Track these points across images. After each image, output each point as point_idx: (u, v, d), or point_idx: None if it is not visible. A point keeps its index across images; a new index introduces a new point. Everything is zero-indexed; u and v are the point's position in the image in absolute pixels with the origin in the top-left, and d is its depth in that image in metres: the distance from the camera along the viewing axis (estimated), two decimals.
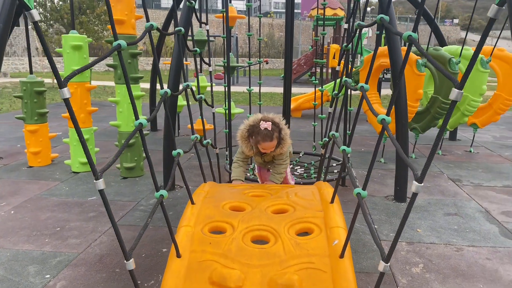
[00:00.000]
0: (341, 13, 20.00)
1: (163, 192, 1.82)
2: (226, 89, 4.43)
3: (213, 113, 3.45)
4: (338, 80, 4.29)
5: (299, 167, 5.04)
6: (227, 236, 1.99)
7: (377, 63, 5.28)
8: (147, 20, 1.96)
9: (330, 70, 18.27)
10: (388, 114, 1.78)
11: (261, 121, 2.73)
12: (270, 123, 2.74)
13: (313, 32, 22.73)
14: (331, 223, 2.04)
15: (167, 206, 3.89)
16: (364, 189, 1.79)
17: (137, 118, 1.75)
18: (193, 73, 16.72)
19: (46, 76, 18.59)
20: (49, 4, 27.44)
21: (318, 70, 18.28)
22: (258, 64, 4.60)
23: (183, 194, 4.22)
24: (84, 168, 4.90)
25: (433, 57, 5.14)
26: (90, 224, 3.49)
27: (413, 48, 5.20)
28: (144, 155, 4.86)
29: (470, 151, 6.14)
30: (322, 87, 4.46)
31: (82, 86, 4.77)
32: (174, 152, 2.15)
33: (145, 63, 26.59)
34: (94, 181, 1.47)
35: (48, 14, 29.67)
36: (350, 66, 2.61)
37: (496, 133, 7.76)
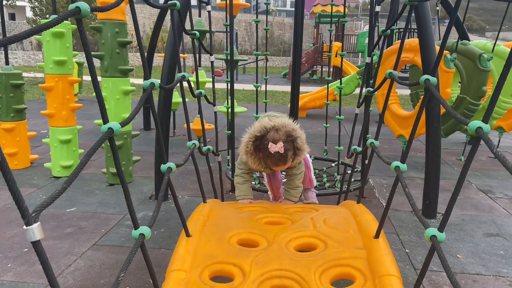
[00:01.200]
0: (343, 9, 19.40)
1: (144, 230, 1.24)
2: (229, 85, 3.86)
3: (215, 112, 2.87)
4: (353, 75, 3.73)
5: None
6: (236, 287, 1.42)
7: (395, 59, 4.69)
8: None
9: (332, 69, 17.76)
10: (486, 120, 1.22)
11: (270, 143, 2.10)
12: (282, 144, 2.10)
13: (315, 30, 22.16)
14: (380, 269, 1.47)
15: (158, 220, 3.31)
16: (441, 230, 1.22)
17: (105, 121, 1.18)
18: (191, 69, 16.08)
19: (38, 70, 17.96)
20: None
21: (332, 67, 17.76)
22: (261, 59, 4.04)
23: None
24: (67, 172, 4.31)
25: (461, 53, 4.57)
26: (65, 244, 2.91)
27: (439, 42, 4.63)
28: (133, 158, 4.28)
29: (495, 157, 5.58)
30: (341, 84, 3.89)
31: (64, 79, 4.18)
32: (163, 167, 1.58)
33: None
34: (24, 227, 0.88)
35: (44, 8, 28.95)
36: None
37: None
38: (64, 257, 2.73)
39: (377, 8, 2.88)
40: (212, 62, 2.90)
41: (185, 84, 2.13)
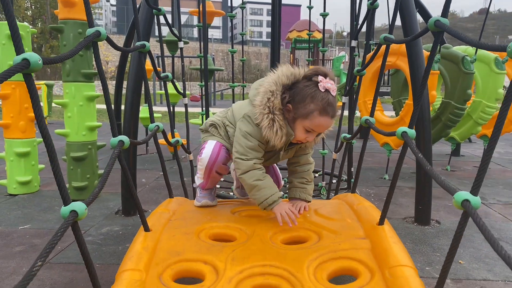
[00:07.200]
0: (319, 35, 19.67)
1: (76, 206, 0.91)
2: (203, 90, 3.58)
3: (186, 104, 2.56)
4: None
5: None
6: None
7: (378, 63, 4.53)
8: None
9: None
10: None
11: (319, 76, 1.53)
12: (333, 82, 1.56)
13: (291, 55, 22.36)
14: (390, 259, 1.16)
15: (124, 235, 2.93)
16: (475, 194, 0.94)
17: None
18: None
19: None
20: None
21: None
22: (236, 87, 3.82)
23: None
24: (24, 189, 3.89)
25: (444, 56, 4.44)
26: (12, 263, 2.49)
27: (425, 45, 4.50)
28: (99, 172, 3.90)
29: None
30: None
31: (22, 86, 3.82)
32: (113, 140, 1.25)
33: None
34: None
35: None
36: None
37: (499, 149, 7.13)
38: (9, 277, 2.32)
39: (353, 43, 2.71)
40: (181, 49, 2.59)
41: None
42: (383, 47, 1.75)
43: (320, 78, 1.52)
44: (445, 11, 1.19)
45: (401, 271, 1.11)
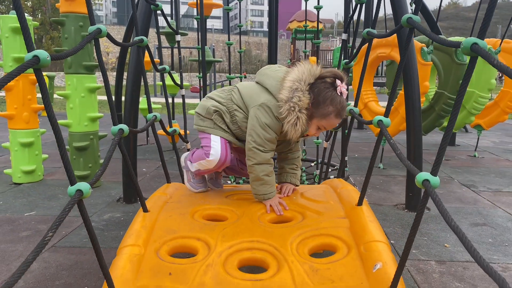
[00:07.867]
0: (319, 26, 19.70)
1: (82, 186, 1.03)
2: (201, 82, 3.69)
3: (183, 95, 2.67)
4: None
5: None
6: (199, 261, 1.21)
7: (373, 55, 4.63)
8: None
9: None
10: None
11: (337, 80, 1.62)
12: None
13: (292, 46, 22.40)
14: (365, 236, 1.28)
15: (125, 221, 3.06)
16: (434, 174, 1.05)
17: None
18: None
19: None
20: None
21: None
22: (237, 78, 3.91)
23: None
24: (28, 178, 4.01)
25: (437, 47, 4.53)
26: (19, 247, 2.63)
27: (418, 37, 4.59)
28: (101, 161, 4.02)
29: (475, 156, 5.53)
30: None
31: (25, 78, 3.92)
32: (113, 129, 1.37)
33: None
34: None
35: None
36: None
37: (495, 139, 7.23)
38: (17, 259, 2.45)
39: (344, 36, 2.80)
40: (183, 96, 2.68)
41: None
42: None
43: (338, 82, 1.62)
44: (416, 10, 1.30)
45: (375, 246, 1.23)
